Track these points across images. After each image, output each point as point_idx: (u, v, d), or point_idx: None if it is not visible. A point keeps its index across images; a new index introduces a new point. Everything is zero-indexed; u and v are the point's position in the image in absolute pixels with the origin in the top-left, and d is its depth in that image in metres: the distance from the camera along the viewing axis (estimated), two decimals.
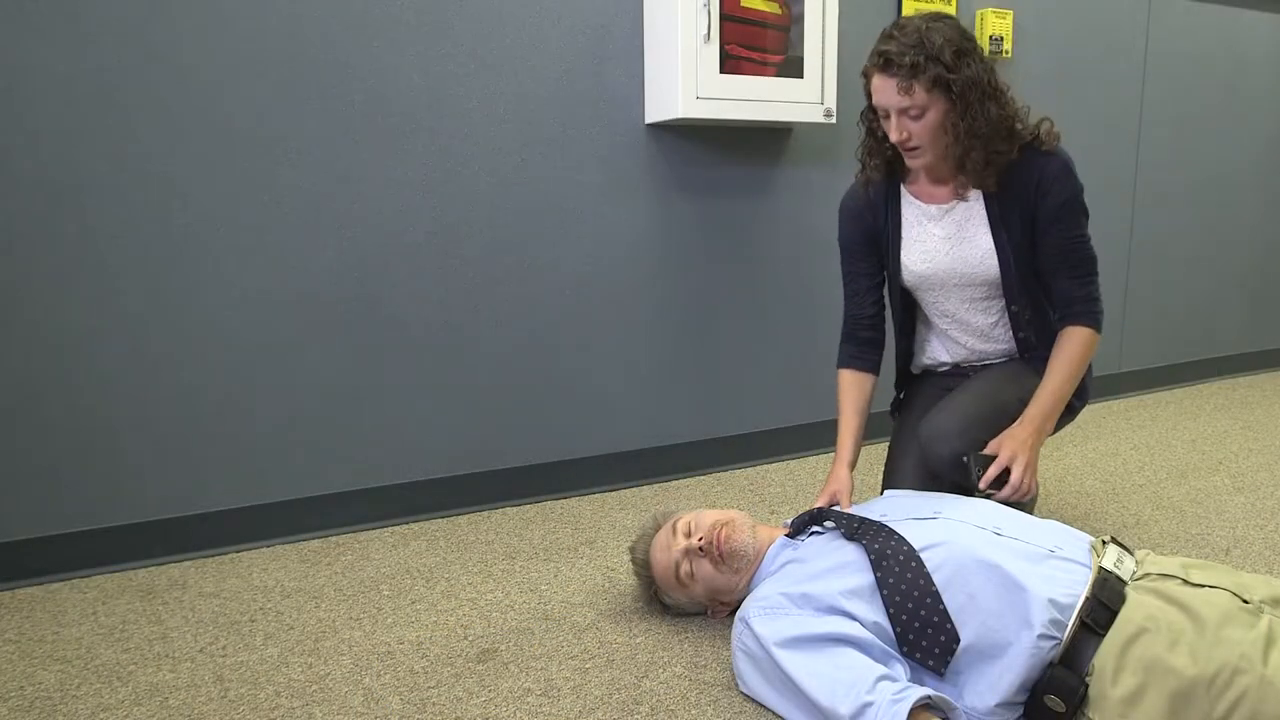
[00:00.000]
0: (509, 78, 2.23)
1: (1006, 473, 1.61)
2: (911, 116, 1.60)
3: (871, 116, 1.73)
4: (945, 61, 1.55)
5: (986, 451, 1.65)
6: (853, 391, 1.89)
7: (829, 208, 2.72)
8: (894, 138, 1.64)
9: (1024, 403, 1.74)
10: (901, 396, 2.02)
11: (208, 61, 1.94)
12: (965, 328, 1.85)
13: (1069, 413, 1.84)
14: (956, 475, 1.68)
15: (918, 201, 1.80)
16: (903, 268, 1.83)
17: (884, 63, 1.58)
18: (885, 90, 1.60)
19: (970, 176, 1.70)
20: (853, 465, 1.85)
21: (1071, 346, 1.72)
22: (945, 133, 1.63)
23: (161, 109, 1.91)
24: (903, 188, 1.83)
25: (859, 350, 1.91)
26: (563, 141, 2.32)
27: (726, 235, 2.57)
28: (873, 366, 1.92)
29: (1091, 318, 1.73)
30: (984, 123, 1.60)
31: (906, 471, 1.83)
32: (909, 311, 1.91)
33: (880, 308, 1.92)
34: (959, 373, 1.91)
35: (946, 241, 1.77)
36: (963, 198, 1.75)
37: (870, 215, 1.85)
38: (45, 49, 1.81)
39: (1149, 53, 3.34)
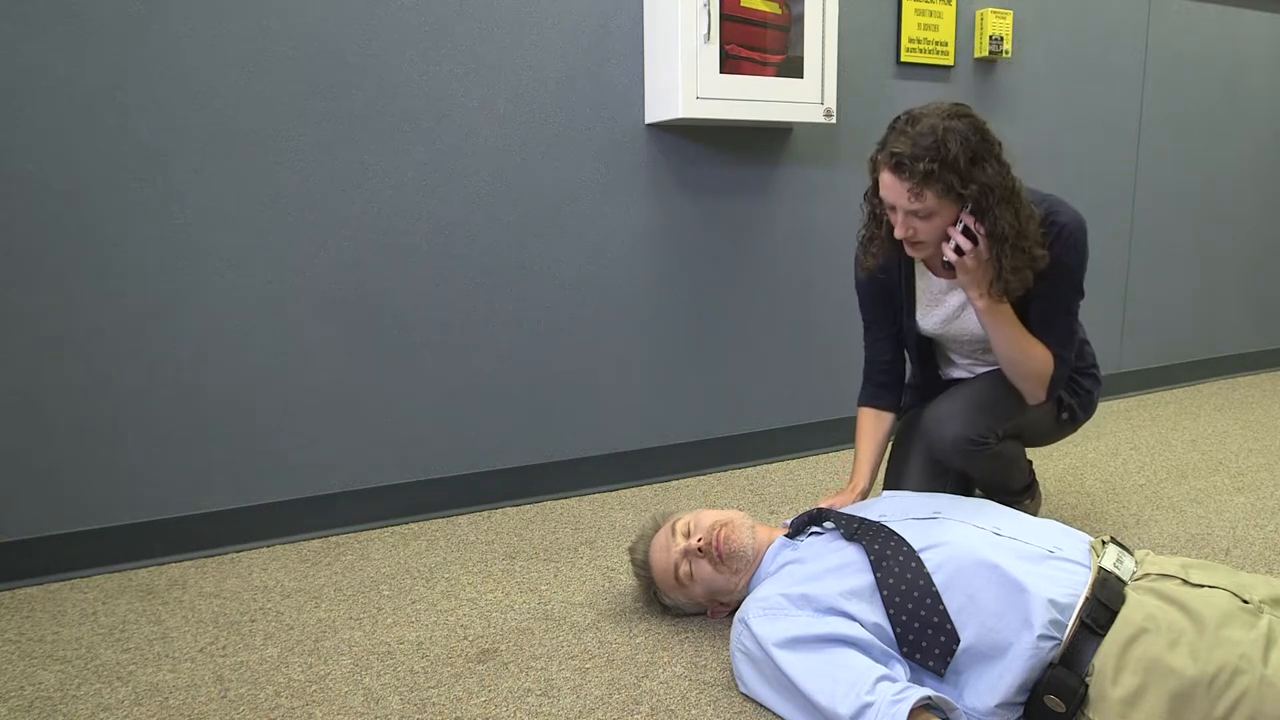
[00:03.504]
0: (509, 78, 2.23)
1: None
2: (920, 217, 1.55)
3: (875, 200, 1.67)
4: (960, 171, 1.48)
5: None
6: (871, 428, 1.92)
7: (829, 208, 2.72)
8: (899, 234, 1.59)
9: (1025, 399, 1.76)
10: (911, 400, 2.04)
11: (208, 61, 1.93)
12: (978, 363, 1.89)
13: (1071, 422, 1.86)
14: (958, 460, 1.68)
15: (929, 274, 1.79)
16: (918, 326, 1.84)
17: (895, 164, 1.51)
18: (895, 190, 1.54)
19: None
20: (865, 494, 1.88)
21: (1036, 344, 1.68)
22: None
23: (161, 109, 1.91)
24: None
25: (878, 392, 1.94)
26: (563, 141, 2.32)
27: (726, 235, 2.57)
28: (892, 406, 1.94)
29: (1058, 357, 1.70)
30: (993, 230, 1.53)
31: (910, 467, 1.83)
32: (925, 350, 1.93)
33: (898, 353, 1.93)
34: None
35: (959, 310, 1.77)
36: None
37: (883, 273, 1.83)
38: (45, 49, 1.81)
39: (1149, 53, 3.34)
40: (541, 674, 1.49)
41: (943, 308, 1.79)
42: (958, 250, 1.56)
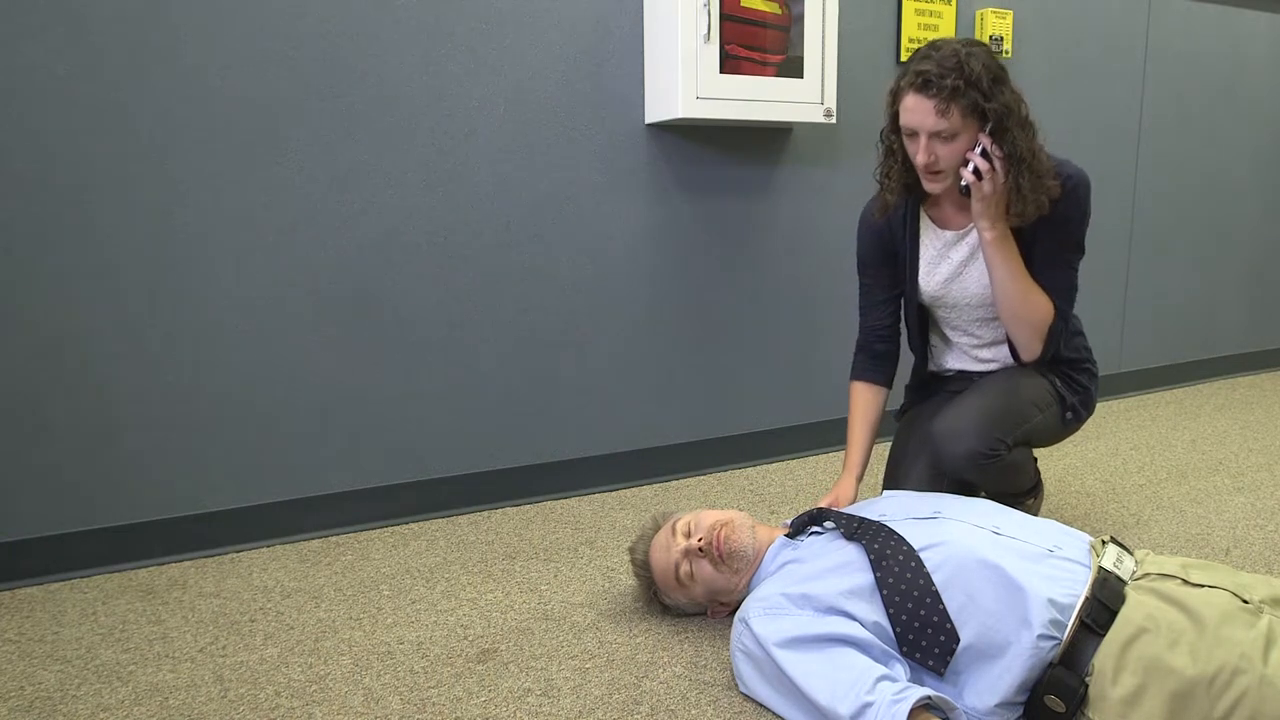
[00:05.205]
0: (509, 78, 2.23)
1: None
2: (943, 139, 1.59)
3: (893, 137, 1.70)
4: (983, 88, 1.55)
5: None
6: (864, 404, 1.91)
7: (829, 208, 2.72)
8: (920, 160, 1.61)
9: (1034, 403, 1.76)
10: (910, 401, 2.03)
11: (208, 61, 1.94)
12: (974, 340, 1.88)
13: (1076, 421, 1.86)
14: (970, 474, 1.68)
15: (935, 226, 1.81)
16: (920, 289, 1.84)
17: (923, 83, 1.56)
18: (920, 110, 1.57)
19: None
20: (860, 478, 1.87)
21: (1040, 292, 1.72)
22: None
23: (161, 109, 1.91)
24: (922, 210, 1.82)
25: (873, 363, 1.93)
26: (563, 141, 2.32)
27: (726, 235, 2.57)
28: (886, 379, 1.93)
29: (1058, 309, 1.74)
30: (1012, 151, 1.58)
31: (911, 474, 1.83)
32: (923, 323, 1.92)
33: (895, 320, 1.92)
34: (964, 378, 1.92)
35: (963, 265, 1.78)
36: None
37: (889, 233, 1.85)
38: (45, 49, 1.81)
39: (1149, 53, 3.34)
40: (541, 674, 1.49)
41: (947, 263, 1.79)
42: (976, 173, 1.59)
